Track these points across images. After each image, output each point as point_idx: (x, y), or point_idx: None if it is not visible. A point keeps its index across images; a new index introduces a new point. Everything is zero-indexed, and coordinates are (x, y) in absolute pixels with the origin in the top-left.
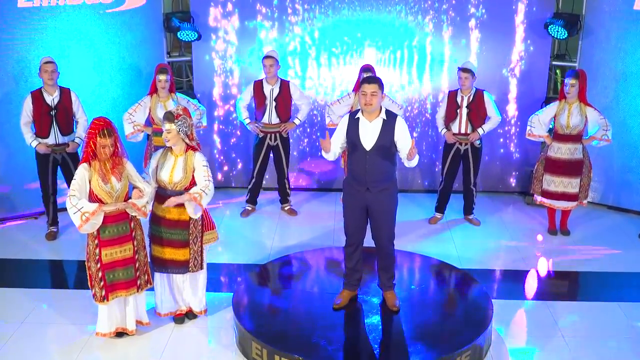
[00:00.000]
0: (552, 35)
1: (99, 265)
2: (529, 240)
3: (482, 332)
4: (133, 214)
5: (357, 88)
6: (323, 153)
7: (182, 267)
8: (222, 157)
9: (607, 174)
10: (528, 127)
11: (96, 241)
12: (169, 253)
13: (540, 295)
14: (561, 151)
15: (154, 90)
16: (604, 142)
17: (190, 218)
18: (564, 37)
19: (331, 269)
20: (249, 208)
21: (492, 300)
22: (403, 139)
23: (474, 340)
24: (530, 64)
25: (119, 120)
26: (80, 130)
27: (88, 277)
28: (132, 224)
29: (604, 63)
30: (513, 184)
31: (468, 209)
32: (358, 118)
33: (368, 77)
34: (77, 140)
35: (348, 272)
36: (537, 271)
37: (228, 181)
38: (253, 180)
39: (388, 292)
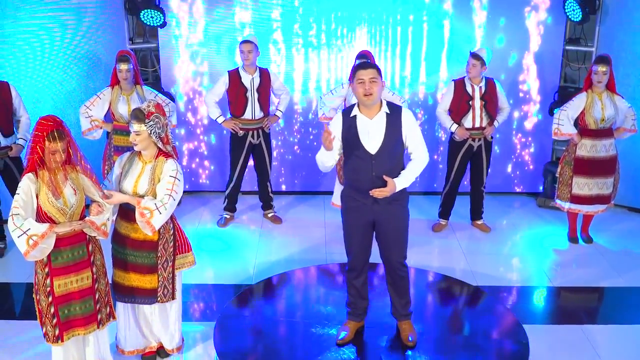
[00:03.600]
0: (568, 15)
1: (50, 299)
2: (548, 249)
3: None
4: (92, 235)
5: (351, 77)
6: (321, 158)
7: (149, 296)
8: (193, 158)
9: (627, 171)
10: (555, 125)
11: (47, 270)
12: (135, 279)
13: (571, 317)
14: (595, 149)
15: (115, 82)
16: (629, 133)
17: (159, 238)
18: (577, 19)
19: (329, 292)
20: (228, 216)
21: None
22: (412, 134)
23: None
24: (541, 49)
25: (75, 117)
26: (24, 130)
27: (37, 314)
28: (90, 247)
29: (625, 47)
30: (520, 184)
31: (477, 214)
32: (355, 116)
33: (362, 63)
34: (20, 141)
35: (352, 300)
36: (561, 287)
37: (200, 185)
38: (232, 184)
39: (403, 322)
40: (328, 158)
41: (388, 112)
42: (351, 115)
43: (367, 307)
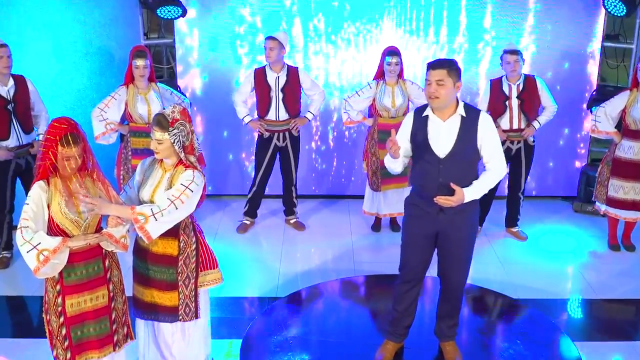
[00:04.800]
0: (610, 11)
1: (62, 320)
2: (589, 258)
3: None
4: (109, 249)
5: (378, 76)
6: (389, 165)
7: (170, 314)
8: (211, 160)
9: None
10: (592, 122)
11: (58, 287)
12: (156, 295)
13: (622, 334)
14: (633, 151)
15: (129, 80)
16: None
17: (180, 253)
18: (622, 14)
19: (363, 308)
20: (248, 222)
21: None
22: (489, 142)
23: None
24: (579, 45)
25: (86, 118)
26: (44, 126)
27: (48, 335)
28: (106, 263)
29: None
30: (556, 187)
31: (512, 220)
32: (427, 116)
33: (432, 62)
34: (41, 138)
35: (397, 316)
36: (607, 300)
37: (220, 188)
38: (254, 189)
39: (448, 344)
40: (396, 165)
41: (464, 115)
42: (423, 114)
43: (410, 326)
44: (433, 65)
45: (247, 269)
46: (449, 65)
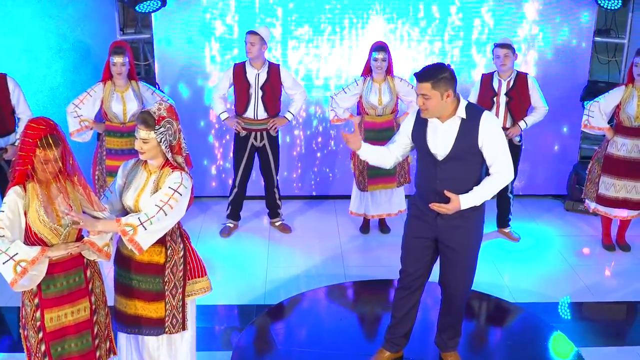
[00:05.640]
0: (602, 5)
1: (40, 335)
2: (583, 259)
3: None
4: (91, 258)
5: (366, 72)
6: (375, 161)
7: (155, 326)
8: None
9: None
10: (585, 117)
11: (36, 301)
12: (140, 307)
13: (620, 338)
14: (626, 148)
15: (107, 77)
16: None
17: (167, 260)
18: (617, 7)
19: (356, 316)
20: (231, 225)
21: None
22: (491, 144)
23: None
24: (568, 41)
25: (60, 117)
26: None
27: (25, 351)
28: (88, 273)
29: None
30: (546, 186)
31: (503, 221)
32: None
33: (418, 73)
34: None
35: (394, 322)
36: (607, 303)
37: (199, 189)
38: (235, 190)
39: (449, 355)
40: (385, 160)
41: (464, 117)
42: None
43: (409, 335)
44: (418, 77)
45: (232, 275)
46: (434, 77)
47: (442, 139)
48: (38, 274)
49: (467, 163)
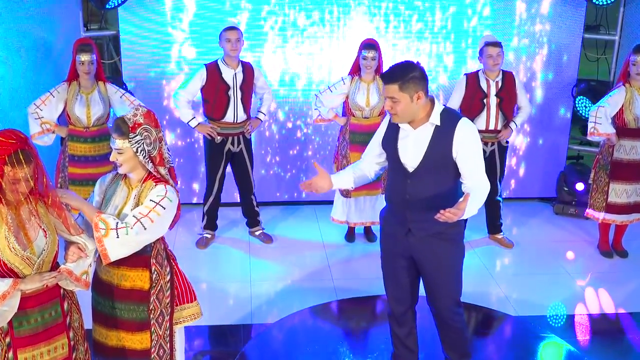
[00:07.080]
0: (594, 1)
1: None
2: (583, 265)
3: None
4: (69, 288)
5: (354, 71)
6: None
7: (140, 358)
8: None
9: None
10: (591, 124)
11: (8, 339)
12: (123, 338)
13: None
14: (636, 151)
15: (73, 77)
16: None
17: (152, 286)
18: (609, 2)
19: (357, 339)
20: (208, 236)
21: None
22: (466, 154)
23: None
24: (557, 37)
25: (21, 121)
26: None
27: None
28: (65, 305)
29: None
30: (534, 188)
31: (495, 227)
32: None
33: (384, 74)
34: None
35: (397, 352)
36: (615, 314)
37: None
38: (212, 198)
39: None
40: (364, 178)
41: (438, 124)
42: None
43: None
44: (384, 79)
45: (213, 291)
46: (401, 78)
47: (413, 148)
48: (9, 309)
49: (440, 176)
